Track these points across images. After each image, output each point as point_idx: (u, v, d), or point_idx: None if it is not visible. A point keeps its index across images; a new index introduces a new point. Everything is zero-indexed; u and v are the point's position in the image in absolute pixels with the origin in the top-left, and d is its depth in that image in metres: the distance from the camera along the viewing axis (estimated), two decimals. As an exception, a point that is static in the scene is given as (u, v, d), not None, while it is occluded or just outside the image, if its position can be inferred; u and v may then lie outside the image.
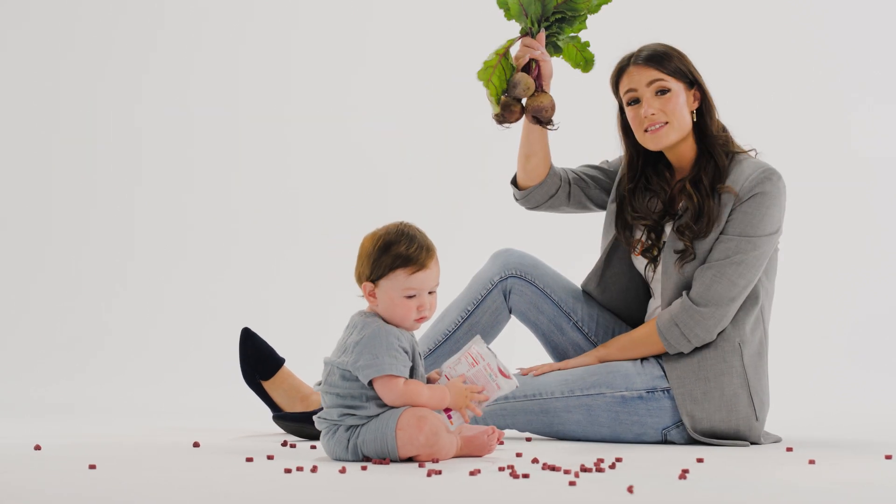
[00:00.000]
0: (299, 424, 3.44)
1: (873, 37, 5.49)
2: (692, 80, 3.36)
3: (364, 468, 2.79)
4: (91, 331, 5.32)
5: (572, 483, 2.53)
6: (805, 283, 5.16)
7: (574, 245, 3.89)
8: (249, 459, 2.94)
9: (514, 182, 3.56)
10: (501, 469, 2.76)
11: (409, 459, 2.89)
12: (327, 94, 5.69)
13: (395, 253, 2.91)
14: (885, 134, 5.44)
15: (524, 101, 3.40)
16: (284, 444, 3.30)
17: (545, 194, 3.52)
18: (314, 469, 2.75)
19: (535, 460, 2.88)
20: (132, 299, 5.45)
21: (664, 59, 3.34)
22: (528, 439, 3.42)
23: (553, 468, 2.75)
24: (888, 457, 3.03)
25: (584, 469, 2.73)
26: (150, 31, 5.73)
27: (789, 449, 3.21)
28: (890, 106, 5.45)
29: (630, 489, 2.41)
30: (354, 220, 5.57)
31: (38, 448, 3.14)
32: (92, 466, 2.78)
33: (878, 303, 5.19)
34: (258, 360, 3.55)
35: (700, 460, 2.93)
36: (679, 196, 3.38)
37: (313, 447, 3.23)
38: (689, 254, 3.31)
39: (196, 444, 3.26)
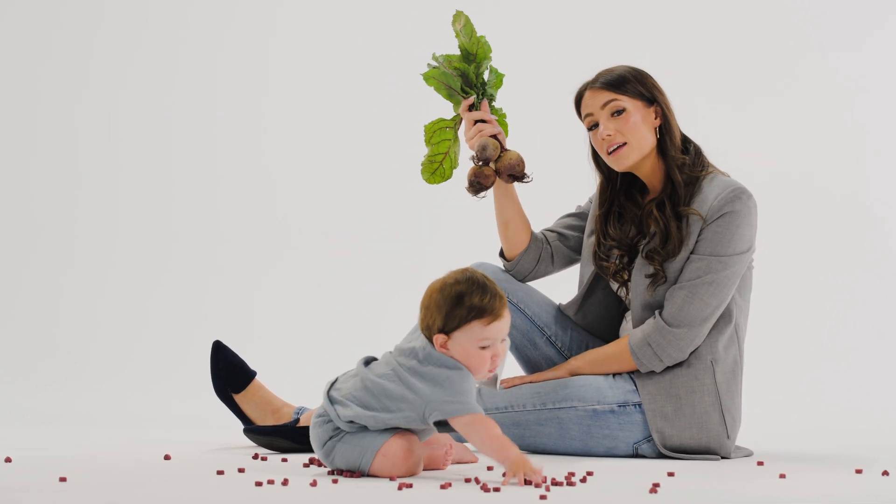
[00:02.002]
0: (270, 438, 3.43)
1: None
2: (651, 98, 3.37)
3: (335, 481, 2.78)
4: (76, 340, 5.31)
5: (543, 497, 2.53)
6: (786, 298, 5.17)
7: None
8: (220, 472, 2.93)
9: (502, 254, 3.57)
10: (468, 480, 2.76)
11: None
12: (307, 101, 5.69)
13: (468, 305, 2.83)
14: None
15: (492, 164, 3.42)
16: (255, 457, 3.29)
17: (532, 260, 3.52)
18: (285, 482, 2.75)
19: (506, 473, 2.87)
20: (117, 309, 5.44)
21: (617, 81, 3.35)
22: (500, 453, 3.42)
23: (524, 481, 2.75)
24: (858, 471, 3.04)
25: (555, 483, 2.73)
26: (130, 40, 5.73)
27: (760, 463, 3.22)
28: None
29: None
30: (342, 227, 5.58)
31: (8, 460, 3.12)
32: (62, 479, 2.77)
33: (856, 320, 5.20)
34: (229, 373, 3.54)
35: (671, 474, 2.94)
36: (648, 219, 3.39)
37: (284, 460, 3.22)
38: (660, 277, 3.32)
39: (167, 457, 3.25)
